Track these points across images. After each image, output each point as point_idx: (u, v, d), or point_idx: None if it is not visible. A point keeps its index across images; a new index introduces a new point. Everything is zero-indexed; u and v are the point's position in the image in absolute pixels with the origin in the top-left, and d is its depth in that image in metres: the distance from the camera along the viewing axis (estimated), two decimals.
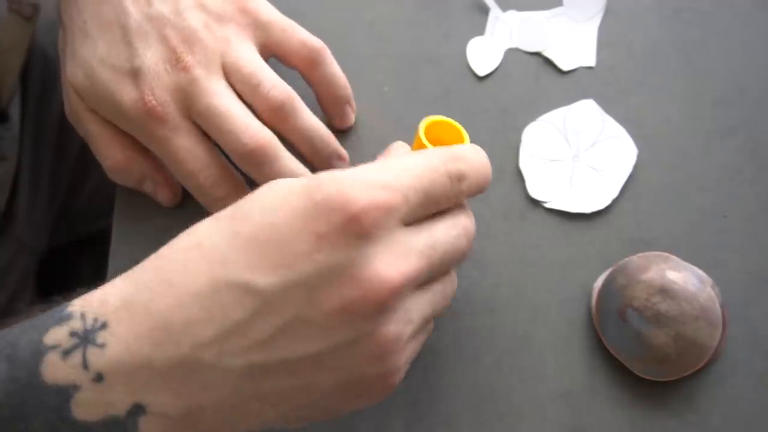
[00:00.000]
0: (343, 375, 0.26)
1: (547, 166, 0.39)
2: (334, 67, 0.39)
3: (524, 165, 0.40)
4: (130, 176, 0.39)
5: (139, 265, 0.27)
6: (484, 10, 0.42)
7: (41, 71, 0.58)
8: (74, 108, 0.38)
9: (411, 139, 0.40)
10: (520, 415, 0.36)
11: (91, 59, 0.36)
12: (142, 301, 0.25)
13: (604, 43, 0.42)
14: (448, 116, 0.36)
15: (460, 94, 0.41)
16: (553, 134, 0.40)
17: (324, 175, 0.26)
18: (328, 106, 0.40)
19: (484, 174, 0.31)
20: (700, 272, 0.36)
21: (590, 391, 0.36)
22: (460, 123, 0.34)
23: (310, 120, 0.38)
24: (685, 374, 0.35)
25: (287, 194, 0.26)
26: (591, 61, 0.41)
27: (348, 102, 0.40)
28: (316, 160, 0.38)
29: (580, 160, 0.39)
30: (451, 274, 0.31)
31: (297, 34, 0.38)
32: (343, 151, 0.39)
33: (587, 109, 0.40)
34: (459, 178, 0.29)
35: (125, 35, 0.36)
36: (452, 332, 0.37)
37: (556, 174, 0.39)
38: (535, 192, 0.39)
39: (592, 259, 0.38)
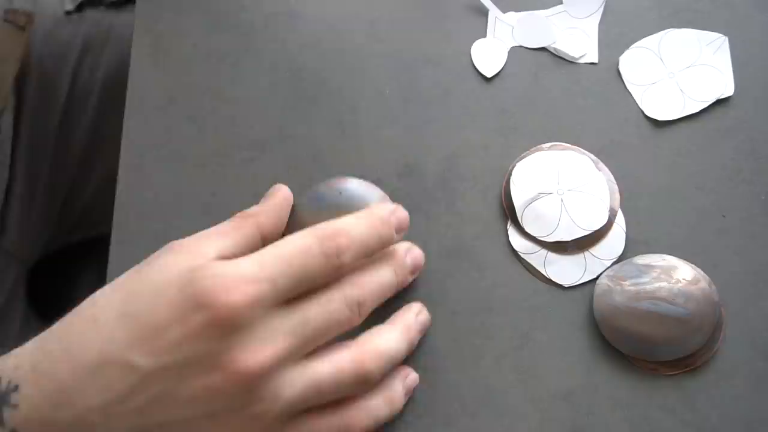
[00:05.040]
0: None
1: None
2: None
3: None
4: None
5: (49, 330, 0.30)
6: (484, 11, 0.42)
7: (38, 84, 0.57)
8: None
9: (411, 139, 0.40)
10: (520, 415, 0.36)
11: None
12: (46, 367, 0.29)
13: (604, 43, 0.42)
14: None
15: (460, 94, 0.41)
16: (650, 58, 0.41)
17: (198, 270, 0.29)
18: None
19: (369, 241, 0.32)
20: (699, 271, 0.36)
21: (591, 391, 0.36)
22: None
23: None
24: (683, 369, 0.35)
25: (169, 283, 0.29)
26: (593, 57, 0.41)
27: None
28: None
29: (675, 77, 0.40)
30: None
31: None
32: None
33: (683, 35, 0.41)
34: (337, 254, 0.30)
35: None
36: (452, 332, 0.37)
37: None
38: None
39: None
